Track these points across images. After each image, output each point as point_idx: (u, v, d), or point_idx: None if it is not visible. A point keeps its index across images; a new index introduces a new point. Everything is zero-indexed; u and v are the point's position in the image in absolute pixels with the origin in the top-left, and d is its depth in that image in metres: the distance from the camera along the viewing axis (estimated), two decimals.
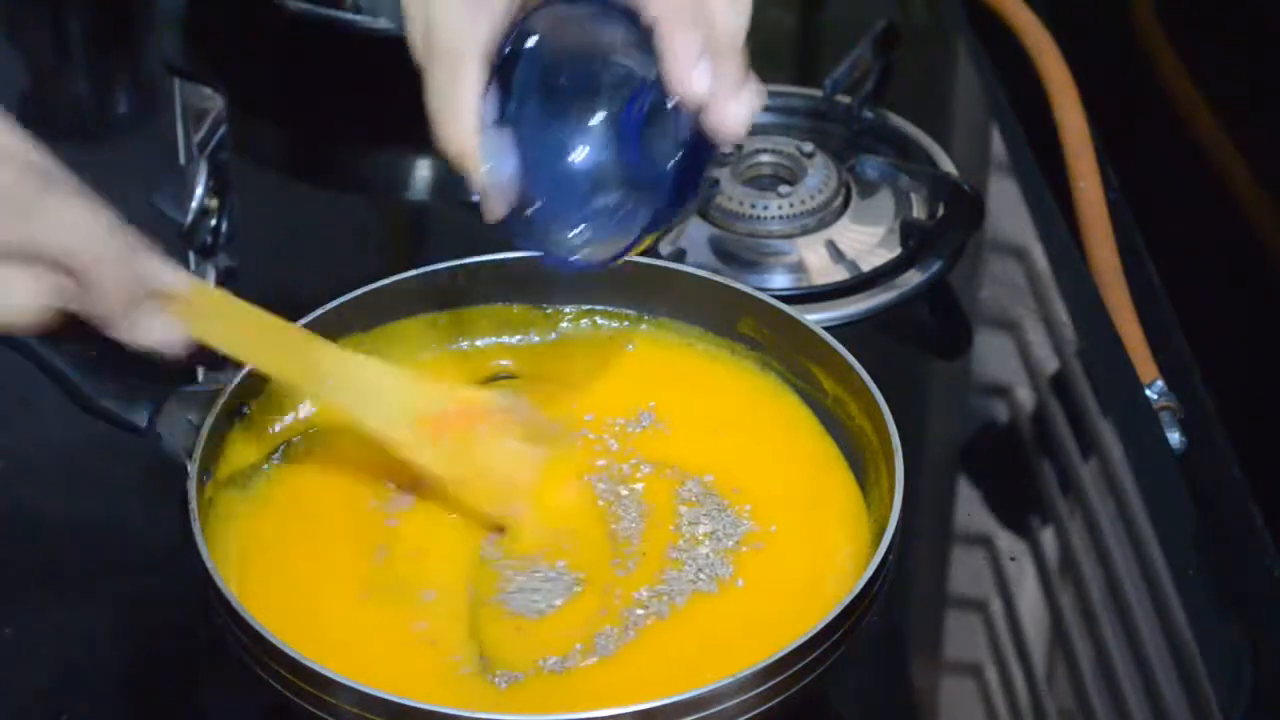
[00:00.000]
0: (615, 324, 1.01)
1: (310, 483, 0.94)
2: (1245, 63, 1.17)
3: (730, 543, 0.91)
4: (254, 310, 0.89)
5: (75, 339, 0.89)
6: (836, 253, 1.13)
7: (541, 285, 1.00)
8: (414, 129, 0.93)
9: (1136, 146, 1.27)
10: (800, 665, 0.82)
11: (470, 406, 0.91)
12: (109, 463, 0.95)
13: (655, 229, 0.87)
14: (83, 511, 0.97)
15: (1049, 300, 1.12)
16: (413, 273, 0.99)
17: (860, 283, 1.11)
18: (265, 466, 0.94)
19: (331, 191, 1.21)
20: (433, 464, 0.91)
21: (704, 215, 1.15)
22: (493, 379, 1.00)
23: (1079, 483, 1.03)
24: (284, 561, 0.89)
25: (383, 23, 1.21)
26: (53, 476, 0.83)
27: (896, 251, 1.13)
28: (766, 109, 1.23)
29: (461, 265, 0.99)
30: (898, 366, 1.09)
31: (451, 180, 1.19)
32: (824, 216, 1.15)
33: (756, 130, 1.21)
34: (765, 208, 1.14)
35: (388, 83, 0.93)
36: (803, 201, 1.15)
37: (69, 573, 0.92)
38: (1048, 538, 1.00)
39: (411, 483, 0.94)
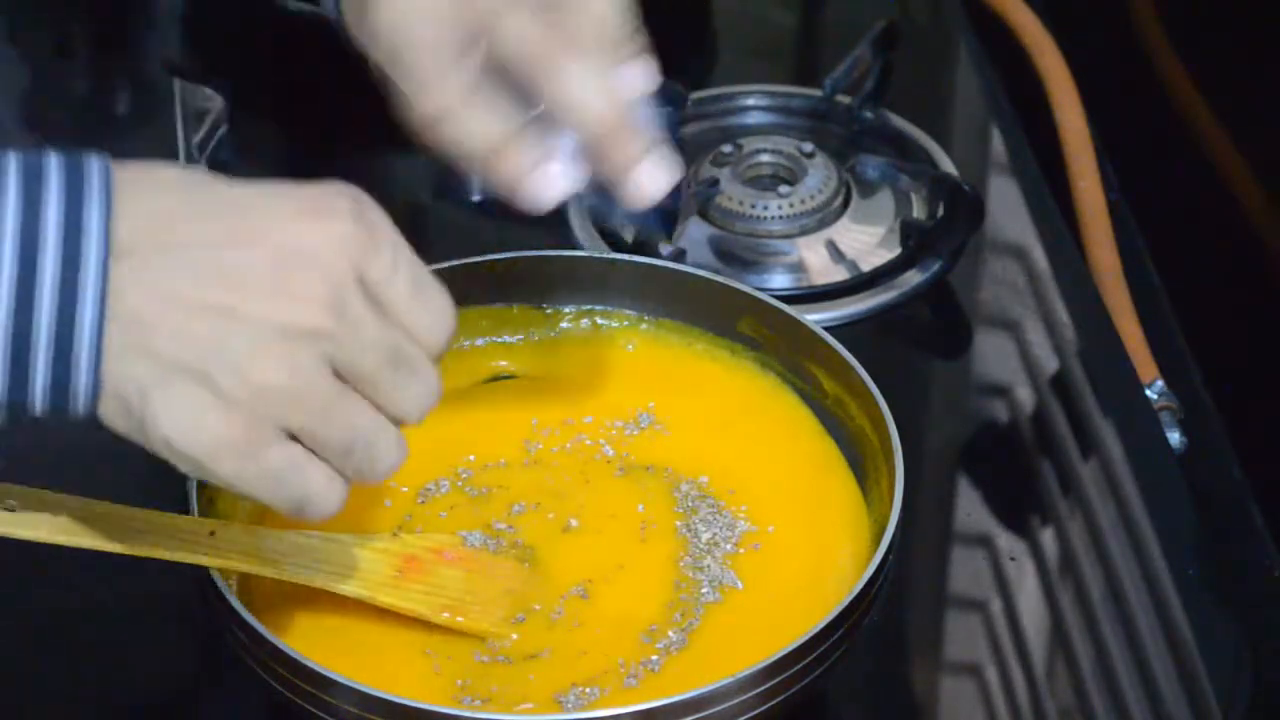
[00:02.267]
0: (615, 324, 1.01)
1: None
2: (1245, 63, 1.17)
3: (729, 545, 0.91)
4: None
5: None
6: (836, 253, 1.13)
7: (541, 285, 1.00)
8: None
9: (1136, 146, 1.27)
10: (800, 665, 0.82)
11: (421, 551, 0.88)
12: (109, 463, 0.94)
13: None
14: None
15: (1049, 300, 1.12)
16: None
17: (860, 283, 1.11)
18: None
19: None
20: (418, 606, 0.87)
21: (704, 215, 1.15)
22: (493, 379, 1.00)
23: (1079, 483, 1.03)
24: None
25: None
26: (52, 477, 0.83)
27: (896, 251, 1.13)
28: (766, 109, 1.23)
29: (462, 265, 0.99)
30: (898, 366, 1.09)
31: (451, 180, 1.19)
32: (824, 216, 1.15)
33: (756, 130, 1.21)
34: (765, 208, 1.14)
35: None
36: (803, 201, 1.14)
37: (68, 573, 0.92)
38: (1048, 538, 1.00)
39: (413, 483, 0.94)
